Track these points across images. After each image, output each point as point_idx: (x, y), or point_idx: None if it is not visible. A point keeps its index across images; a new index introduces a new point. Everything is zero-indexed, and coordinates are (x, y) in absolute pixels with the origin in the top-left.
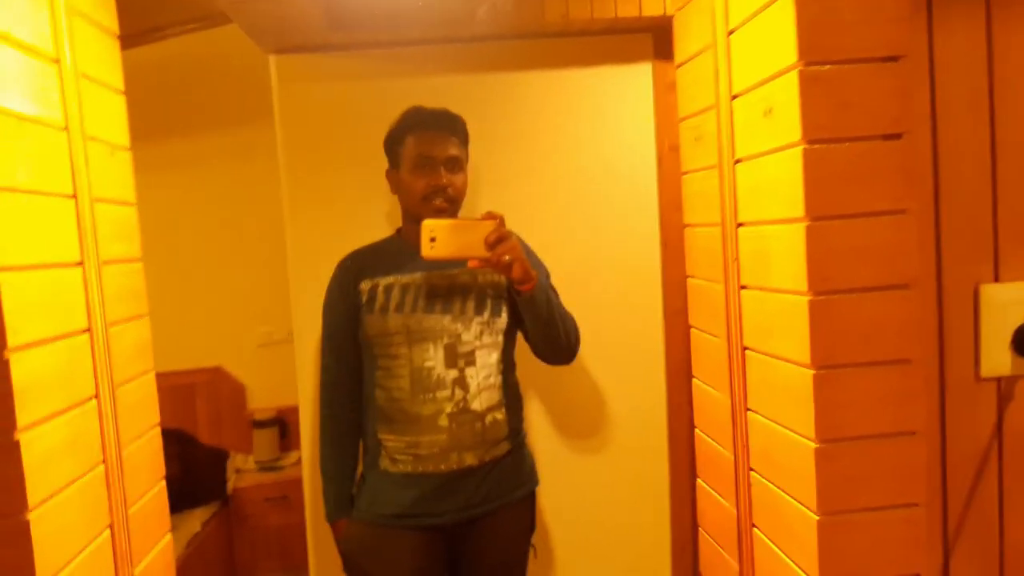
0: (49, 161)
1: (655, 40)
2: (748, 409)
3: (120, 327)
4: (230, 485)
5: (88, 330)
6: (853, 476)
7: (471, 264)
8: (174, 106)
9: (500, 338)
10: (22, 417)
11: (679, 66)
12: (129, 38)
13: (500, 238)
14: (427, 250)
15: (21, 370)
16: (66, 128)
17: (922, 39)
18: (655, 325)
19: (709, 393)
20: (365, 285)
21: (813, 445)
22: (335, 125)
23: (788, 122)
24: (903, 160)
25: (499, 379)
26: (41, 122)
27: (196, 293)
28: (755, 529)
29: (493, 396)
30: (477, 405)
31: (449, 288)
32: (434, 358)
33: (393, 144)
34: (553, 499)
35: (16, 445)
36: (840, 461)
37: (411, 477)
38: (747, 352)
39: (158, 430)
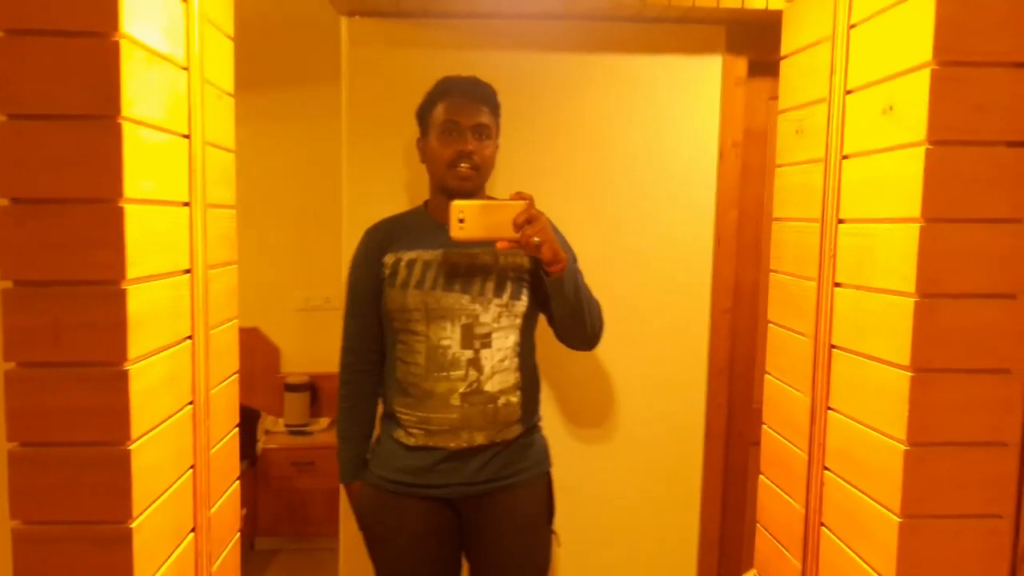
0: (170, 98)
1: (728, 33)
2: (829, 408)
3: (216, 271)
4: (259, 446)
5: (189, 271)
6: (940, 481)
7: (500, 245)
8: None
9: (519, 321)
10: (133, 348)
11: (784, 57)
12: None
13: (529, 219)
14: (456, 231)
15: (135, 302)
16: (187, 68)
17: None
18: (701, 324)
19: (784, 391)
20: (389, 259)
21: (903, 447)
22: (401, 92)
23: (912, 121)
24: None
25: (515, 362)
26: (168, 59)
27: (240, 252)
28: (823, 528)
29: (507, 379)
30: (490, 387)
31: (469, 267)
32: (451, 337)
33: (424, 112)
34: (585, 490)
35: (125, 375)
36: (929, 465)
37: (421, 449)
38: (834, 351)
39: (237, 377)
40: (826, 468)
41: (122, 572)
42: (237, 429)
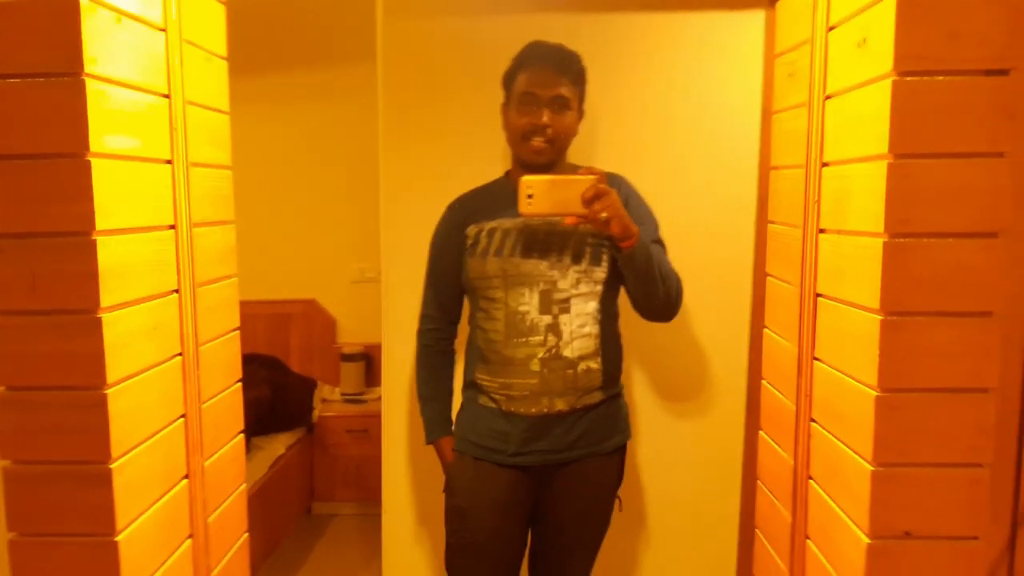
0: (145, 59)
1: None
2: (815, 358)
3: (205, 229)
4: (315, 414)
5: (173, 227)
6: (915, 429)
7: (568, 221)
8: (281, 41)
9: (599, 287)
10: (106, 297)
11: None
12: None
13: (597, 194)
14: (524, 206)
15: (107, 253)
16: (164, 29)
17: None
18: (744, 285)
19: (778, 343)
20: (472, 230)
21: (874, 393)
22: (437, 62)
23: (881, 52)
24: (1006, 98)
25: (595, 328)
26: (140, 20)
27: (296, 227)
28: (811, 481)
29: (587, 345)
30: (569, 352)
31: (548, 235)
32: (529, 303)
33: (508, 79)
34: (646, 455)
35: (99, 322)
36: (902, 412)
37: (505, 415)
38: (819, 299)
39: (237, 334)
40: (812, 420)
41: (105, 510)
42: (240, 384)
